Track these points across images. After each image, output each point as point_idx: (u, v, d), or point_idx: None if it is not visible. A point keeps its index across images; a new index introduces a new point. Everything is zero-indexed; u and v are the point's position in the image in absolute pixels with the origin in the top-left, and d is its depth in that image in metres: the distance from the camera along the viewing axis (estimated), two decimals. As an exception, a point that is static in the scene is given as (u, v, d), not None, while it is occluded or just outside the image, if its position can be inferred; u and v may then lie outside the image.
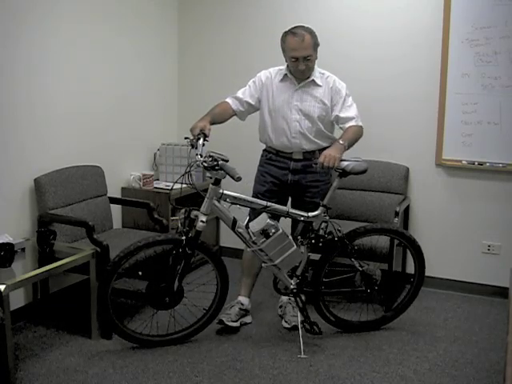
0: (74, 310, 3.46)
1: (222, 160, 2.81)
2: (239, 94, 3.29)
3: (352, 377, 2.83)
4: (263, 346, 3.13)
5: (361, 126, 3.20)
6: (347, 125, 3.17)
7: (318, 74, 3.21)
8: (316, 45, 3.12)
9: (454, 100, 3.77)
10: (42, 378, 2.74)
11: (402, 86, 3.92)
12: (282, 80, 3.23)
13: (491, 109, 3.69)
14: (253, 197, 3.16)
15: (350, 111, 3.19)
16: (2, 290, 2.53)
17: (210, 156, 2.82)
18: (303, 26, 3.12)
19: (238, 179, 2.77)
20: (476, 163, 3.78)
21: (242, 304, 3.35)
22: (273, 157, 3.29)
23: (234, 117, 3.31)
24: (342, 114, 3.18)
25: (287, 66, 3.20)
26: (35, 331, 3.22)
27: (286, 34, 3.13)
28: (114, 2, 3.85)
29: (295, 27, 3.12)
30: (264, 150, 3.37)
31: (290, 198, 3.36)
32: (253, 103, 3.27)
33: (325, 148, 3.18)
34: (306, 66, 3.10)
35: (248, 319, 3.39)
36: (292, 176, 3.24)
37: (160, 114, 4.45)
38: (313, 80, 3.18)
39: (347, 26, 4.01)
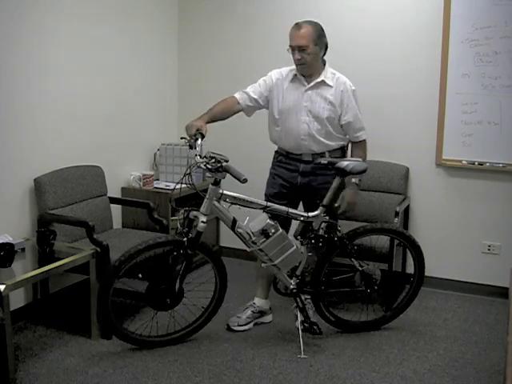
0: (74, 310, 3.46)
1: (224, 161, 2.81)
2: (249, 89, 3.23)
3: (352, 377, 2.83)
4: (263, 346, 3.13)
5: (365, 141, 3.22)
6: (357, 138, 3.19)
7: (330, 74, 3.16)
8: (318, 39, 3.04)
9: (454, 100, 3.77)
10: (42, 378, 2.74)
11: (402, 86, 3.92)
12: (292, 80, 3.18)
13: (491, 109, 3.68)
14: (265, 200, 3.12)
15: (361, 121, 3.18)
16: (2, 290, 2.53)
17: (213, 157, 2.81)
18: (311, 20, 3.08)
19: (244, 181, 2.75)
20: (476, 163, 3.78)
21: (257, 306, 3.35)
22: (283, 159, 3.26)
23: (234, 117, 3.27)
24: (353, 122, 3.15)
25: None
26: (35, 331, 3.22)
27: None
28: (113, 2, 3.85)
29: (304, 20, 3.08)
30: (276, 152, 3.34)
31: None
32: (260, 101, 3.23)
33: (335, 150, 3.18)
34: (302, 58, 3.04)
35: (266, 319, 3.39)
36: (301, 178, 3.19)
37: (160, 114, 4.45)
38: (322, 80, 3.13)
39: (347, 26, 4.00)
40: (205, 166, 2.82)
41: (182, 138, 3.01)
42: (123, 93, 4.01)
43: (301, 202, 3.33)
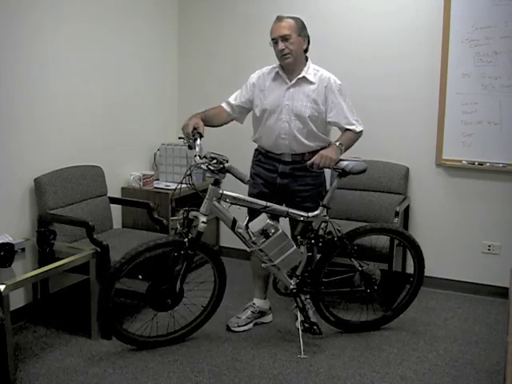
0: (74, 310, 3.46)
1: (225, 161, 2.80)
2: (231, 99, 3.23)
3: (352, 377, 2.83)
4: (263, 346, 3.13)
5: (360, 132, 3.10)
6: (346, 127, 3.09)
7: (312, 70, 3.11)
8: (300, 32, 3.02)
9: (454, 100, 3.77)
10: (42, 378, 2.74)
11: (401, 86, 3.92)
12: (274, 78, 3.15)
13: (491, 109, 3.68)
14: None
15: (349, 117, 3.08)
16: (2, 290, 2.53)
17: (213, 158, 2.80)
18: (291, 15, 3.07)
19: (248, 182, 2.76)
20: (476, 163, 3.78)
21: (257, 307, 3.35)
22: (262, 158, 3.22)
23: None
24: (340, 121, 3.08)
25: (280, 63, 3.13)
26: (35, 331, 3.22)
27: None
28: (113, 2, 3.85)
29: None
30: (255, 150, 3.31)
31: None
32: (245, 106, 3.21)
33: (315, 151, 3.09)
34: (286, 48, 2.99)
35: (266, 319, 3.39)
36: (280, 179, 3.15)
37: (160, 114, 4.45)
38: (304, 77, 3.08)
39: (347, 26, 4.01)
40: (206, 167, 2.81)
41: (179, 138, 3.01)
42: (123, 93, 4.01)
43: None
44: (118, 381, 2.75)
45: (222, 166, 2.78)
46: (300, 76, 3.09)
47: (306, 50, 3.12)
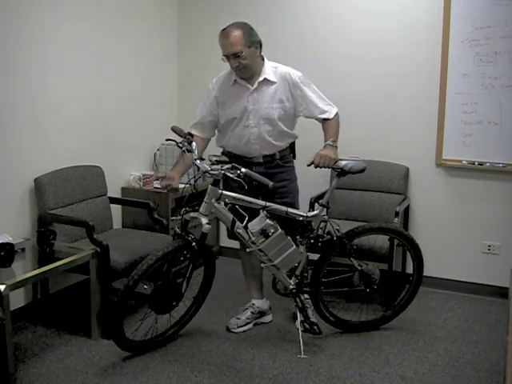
0: (74, 310, 3.46)
1: (225, 163, 2.79)
2: (199, 118, 3.17)
3: (352, 377, 2.83)
4: (263, 346, 3.13)
5: (336, 116, 3.06)
6: (321, 116, 3.05)
7: (271, 69, 3.05)
8: (250, 41, 2.92)
9: (453, 100, 3.76)
10: (42, 378, 2.74)
11: (401, 86, 3.91)
12: (233, 85, 3.08)
13: (491, 109, 3.68)
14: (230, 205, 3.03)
15: (320, 106, 3.04)
16: (2, 290, 2.54)
17: (219, 162, 2.78)
18: (237, 22, 2.96)
19: (272, 187, 2.74)
20: (476, 163, 3.78)
21: (256, 307, 3.35)
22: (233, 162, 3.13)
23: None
24: (314, 112, 3.05)
25: None
26: (35, 331, 3.22)
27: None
28: (113, 2, 3.85)
29: (229, 24, 2.95)
30: (223, 154, 3.21)
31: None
32: (215, 119, 3.16)
33: (284, 150, 3.13)
34: (240, 64, 2.93)
35: (266, 319, 3.39)
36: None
37: (160, 114, 4.45)
38: (265, 78, 3.03)
39: (347, 26, 4.00)
40: (223, 175, 2.77)
41: (167, 140, 3.00)
42: (123, 93, 4.01)
43: None
44: (118, 381, 2.75)
45: (239, 172, 2.75)
46: (261, 79, 3.03)
47: (259, 53, 3.04)
